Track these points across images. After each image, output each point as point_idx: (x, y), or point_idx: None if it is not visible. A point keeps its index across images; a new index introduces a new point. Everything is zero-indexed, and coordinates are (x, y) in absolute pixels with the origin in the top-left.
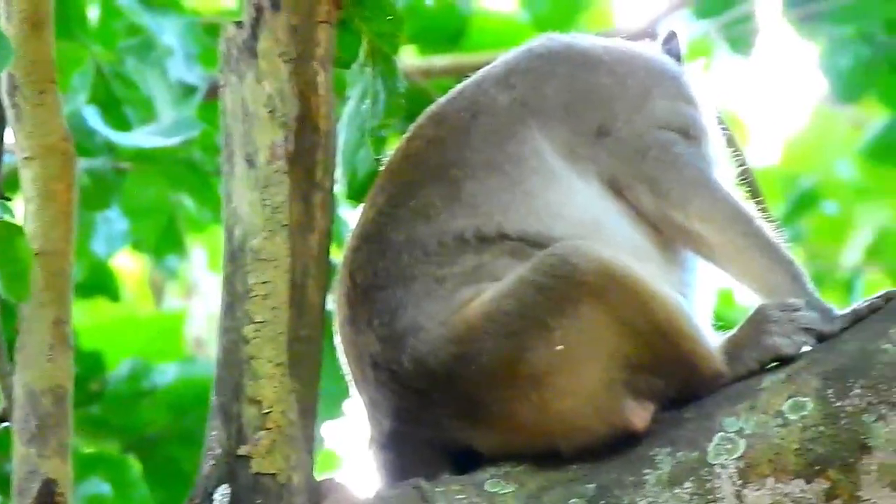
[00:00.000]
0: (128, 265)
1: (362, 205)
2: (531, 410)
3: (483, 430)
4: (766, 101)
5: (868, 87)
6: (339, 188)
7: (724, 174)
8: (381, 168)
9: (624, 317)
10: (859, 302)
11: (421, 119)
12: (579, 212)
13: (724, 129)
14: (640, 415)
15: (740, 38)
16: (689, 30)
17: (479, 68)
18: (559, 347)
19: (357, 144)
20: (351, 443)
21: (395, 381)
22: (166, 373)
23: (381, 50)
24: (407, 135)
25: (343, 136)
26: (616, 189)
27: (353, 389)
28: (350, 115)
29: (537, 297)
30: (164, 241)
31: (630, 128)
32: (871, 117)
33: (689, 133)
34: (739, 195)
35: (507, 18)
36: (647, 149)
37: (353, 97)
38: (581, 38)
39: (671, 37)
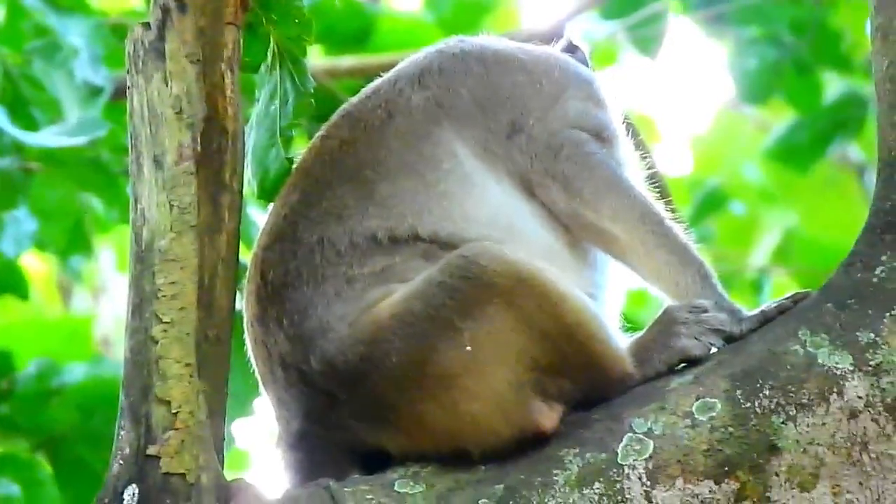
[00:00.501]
0: (36, 266)
1: (273, 204)
2: (439, 412)
3: (391, 432)
4: (673, 104)
5: (774, 89)
6: (249, 189)
7: (636, 176)
8: (294, 167)
9: (532, 319)
10: (768, 303)
11: (335, 118)
12: (492, 213)
13: (633, 132)
14: (548, 416)
15: (647, 40)
16: (595, 31)
17: (384, 69)
18: (467, 349)
19: (268, 145)
20: (260, 442)
21: (304, 381)
22: (74, 372)
23: (289, 52)
24: (320, 133)
25: (253, 136)
26: (528, 188)
27: (262, 388)
28: (259, 116)
29: (445, 299)
30: (70, 242)
31: (543, 126)
32: (776, 120)
33: (602, 135)
34: (650, 196)
35: (413, 19)
36: (560, 147)
37: (261, 98)
38: (493, 40)
39: (573, 48)
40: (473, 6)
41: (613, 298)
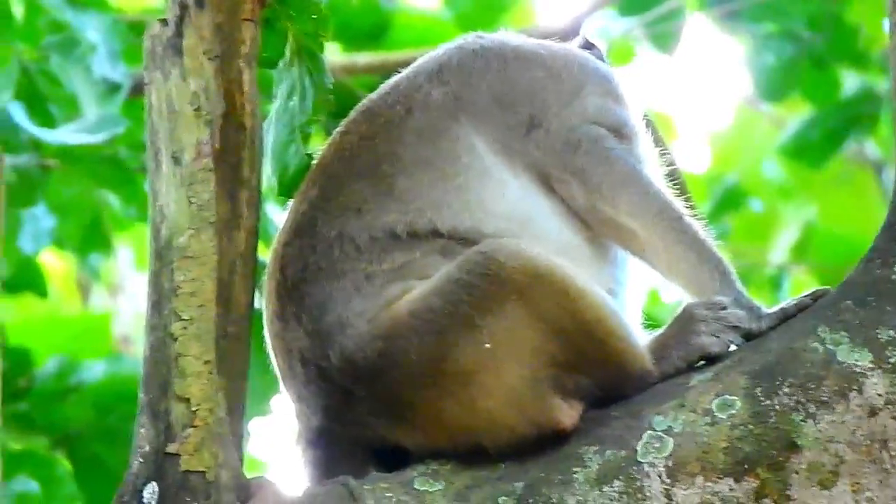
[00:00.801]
0: (54, 263)
1: (292, 200)
2: (457, 408)
3: (409, 428)
4: (691, 101)
5: (792, 85)
6: (269, 185)
7: (655, 173)
8: (314, 163)
9: (551, 315)
10: (787, 301)
11: (353, 114)
12: (511, 208)
13: (652, 129)
14: (567, 413)
15: (664, 36)
16: (612, 28)
17: (402, 66)
18: (485, 346)
19: (287, 141)
20: (279, 439)
21: (323, 377)
22: (93, 370)
23: (307, 47)
24: (339, 129)
25: (272, 133)
26: (547, 184)
27: (281, 385)
28: (278, 113)
29: (463, 295)
30: (88, 239)
31: (561, 121)
32: (793, 117)
33: (621, 131)
34: (669, 192)
35: (430, 16)
36: (579, 142)
37: (280, 95)
38: (511, 36)
39: (589, 46)
40: (491, 4)
41: (634, 295)
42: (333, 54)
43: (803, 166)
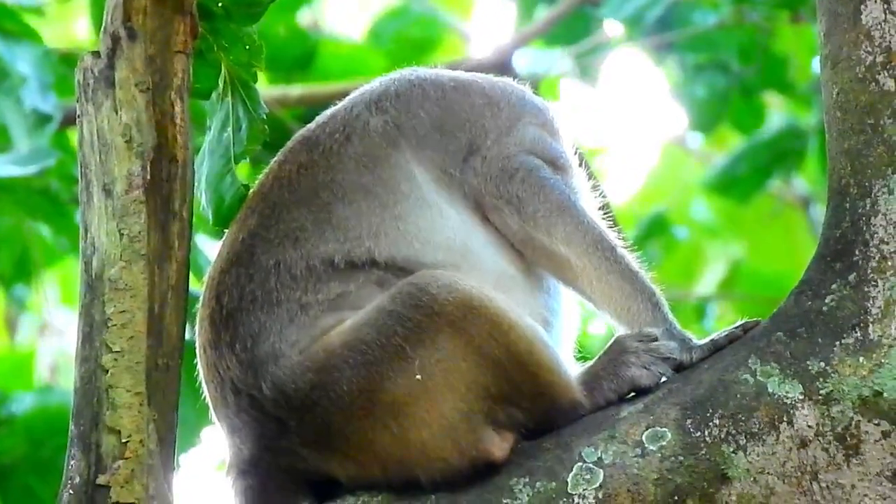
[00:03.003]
0: None
1: (229, 228)
2: (389, 440)
3: (341, 459)
4: (620, 135)
5: (722, 116)
6: (203, 216)
7: (589, 204)
8: (251, 191)
9: (482, 347)
10: (718, 332)
11: (291, 143)
12: (448, 237)
13: (584, 163)
14: (499, 445)
15: (590, 68)
16: (540, 62)
17: (335, 97)
18: (417, 377)
19: (222, 172)
20: (209, 471)
21: (255, 407)
22: (23, 402)
23: (240, 78)
24: (277, 158)
25: (206, 164)
26: (483, 212)
27: (213, 415)
28: (212, 144)
29: (396, 327)
30: (16, 271)
31: (499, 148)
32: (720, 154)
33: (556, 163)
34: (603, 224)
35: (357, 45)
36: (515, 170)
37: (214, 126)
38: (447, 70)
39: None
40: (417, 41)
41: (567, 326)
42: (263, 85)
43: (730, 202)
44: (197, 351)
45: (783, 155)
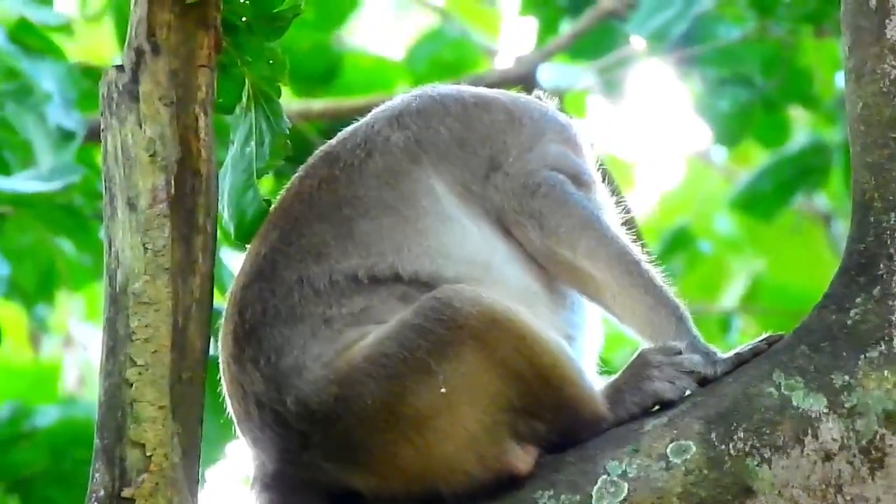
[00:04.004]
0: (5, 312)
1: (251, 243)
2: (412, 454)
3: (364, 473)
4: (645, 149)
5: (746, 130)
6: (225, 230)
7: (612, 219)
8: (273, 207)
9: (506, 361)
10: (742, 346)
11: (313, 159)
12: (471, 252)
13: (609, 179)
14: (522, 458)
15: (614, 83)
16: (565, 76)
17: (358, 112)
18: (441, 391)
19: (244, 186)
20: (234, 485)
21: (279, 421)
22: (47, 415)
23: (263, 92)
24: (299, 174)
25: (229, 178)
26: (505, 227)
27: (237, 429)
28: (235, 158)
29: (419, 341)
30: (40, 287)
31: (521, 164)
32: (743, 170)
33: (579, 178)
34: (626, 238)
35: (381, 59)
36: (538, 186)
37: (237, 140)
38: (470, 86)
39: (545, 97)
40: (450, 63)
41: (591, 340)
42: (287, 99)
43: (754, 219)
44: (220, 366)
45: (807, 171)
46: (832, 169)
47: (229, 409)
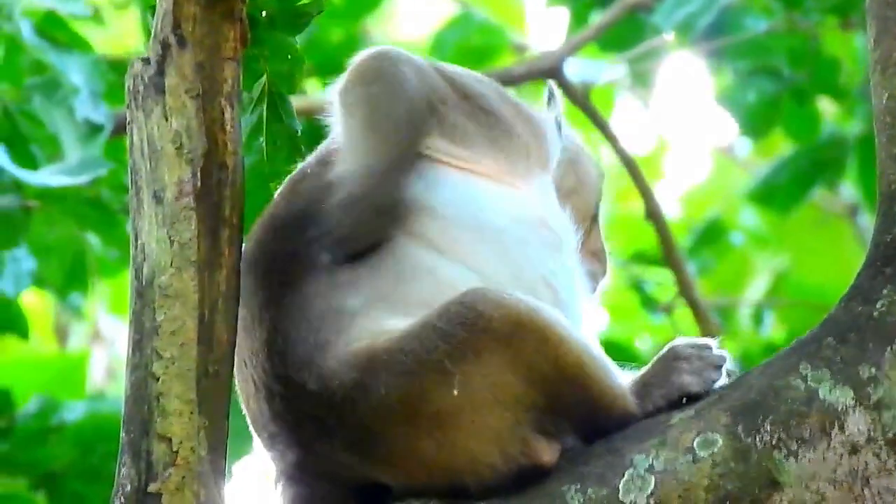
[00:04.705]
0: (31, 304)
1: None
2: (434, 448)
3: (385, 465)
4: (674, 142)
5: (774, 121)
6: None
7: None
8: None
9: (531, 364)
10: None
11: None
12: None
13: (634, 171)
14: (547, 450)
15: (643, 74)
16: (592, 70)
17: None
18: (461, 391)
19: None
20: (261, 479)
21: (291, 410)
22: (75, 409)
23: (278, 91)
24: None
25: None
26: None
27: (252, 428)
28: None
29: (440, 343)
30: (69, 279)
31: None
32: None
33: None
34: None
35: (407, 45)
36: None
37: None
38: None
39: (551, 94)
40: (478, 49)
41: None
42: (314, 90)
43: (772, 213)
44: (234, 359)
45: (825, 164)
46: (853, 161)
47: (245, 412)
